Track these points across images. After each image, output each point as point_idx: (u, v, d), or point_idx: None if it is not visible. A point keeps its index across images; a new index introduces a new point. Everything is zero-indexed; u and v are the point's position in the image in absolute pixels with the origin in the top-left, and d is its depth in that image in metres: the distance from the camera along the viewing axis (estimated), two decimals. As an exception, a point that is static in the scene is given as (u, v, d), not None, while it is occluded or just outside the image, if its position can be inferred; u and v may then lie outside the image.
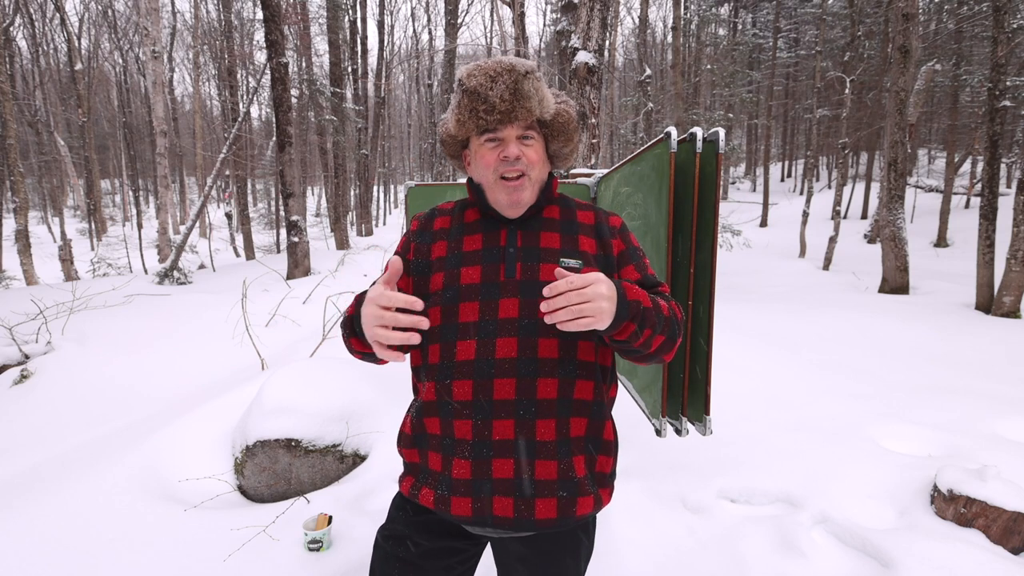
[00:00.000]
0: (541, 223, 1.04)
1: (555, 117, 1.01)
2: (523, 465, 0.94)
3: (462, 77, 0.94)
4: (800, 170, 24.06)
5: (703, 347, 1.51)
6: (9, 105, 9.07)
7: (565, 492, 0.95)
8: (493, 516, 0.94)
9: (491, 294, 0.97)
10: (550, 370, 0.94)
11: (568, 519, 0.95)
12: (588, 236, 1.04)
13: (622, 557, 1.97)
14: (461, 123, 0.97)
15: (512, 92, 0.93)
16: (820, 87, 12.53)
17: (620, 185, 2.08)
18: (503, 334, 0.95)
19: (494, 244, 1.01)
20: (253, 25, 17.64)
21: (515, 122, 0.96)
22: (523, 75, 0.92)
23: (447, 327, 0.98)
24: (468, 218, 1.06)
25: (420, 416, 1.02)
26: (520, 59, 0.94)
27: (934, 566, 1.79)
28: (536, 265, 0.99)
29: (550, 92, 1.01)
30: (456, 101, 0.97)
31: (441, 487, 0.98)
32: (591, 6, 3.93)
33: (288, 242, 8.84)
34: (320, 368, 2.96)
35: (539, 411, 0.94)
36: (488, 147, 0.99)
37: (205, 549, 2.03)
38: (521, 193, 0.99)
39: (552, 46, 18.56)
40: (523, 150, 0.98)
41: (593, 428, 0.99)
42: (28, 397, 3.88)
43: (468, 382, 0.94)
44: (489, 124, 0.96)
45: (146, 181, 27.35)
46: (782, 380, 3.77)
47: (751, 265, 10.73)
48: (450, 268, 1.00)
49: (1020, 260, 5.81)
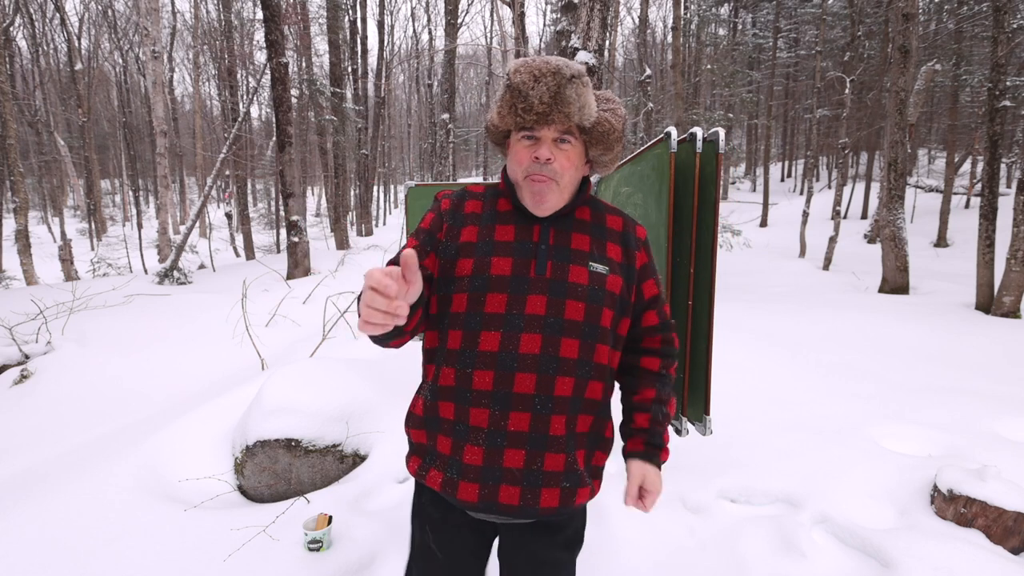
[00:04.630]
0: (573, 224, 1.05)
1: (595, 125, 1.00)
2: (534, 457, 0.98)
3: (510, 71, 0.95)
4: (800, 170, 24.05)
5: (703, 347, 1.51)
6: (9, 105, 9.08)
7: (568, 483, 1.00)
8: (498, 503, 0.98)
9: (520, 288, 0.98)
10: (569, 369, 0.98)
11: (568, 508, 1.02)
12: (615, 243, 1.07)
13: (622, 557, 1.97)
14: (502, 116, 0.99)
15: (553, 95, 0.92)
16: (820, 87, 12.52)
17: (620, 185, 2.08)
18: (528, 329, 0.97)
19: (527, 238, 1.02)
20: (253, 25, 17.62)
21: (552, 124, 0.96)
22: (568, 79, 0.92)
23: (472, 315, 0.98)
24: (501, 207, 1.06)
25: (435, 399, 1.02)
26: (568, 62, 0.93)
27: (934, 566, 1.79)
28: (566, 265, 1.00)
29: (594, 98, 1.00)
30: (500, 94, 0.98)
31: (451, 470, 1.00)
32: (591, 6, 3.93)
33: (288, 242, 8.84)
34: (320, 368, 2.96)
35: (555, 407, 0.97)
36: (524, 144, 0.99)
37: (205, 549, 2.03)
38: (545, 196, 0.99)
39: (552, 46, 18.56)
40: (556, 154, 0.98)
41: (597, 425, 1.05)
42: (28, 397, 3.88)
43: (490, 372, 0.96)
44: (526, 122, 0.96)
45: (146, 181, 27.35)
46: (782, 380, 3.77)
47: (751, 265, 10.73)
48: (480, 256, 1.00)
49: (1020, 260, 5.81)
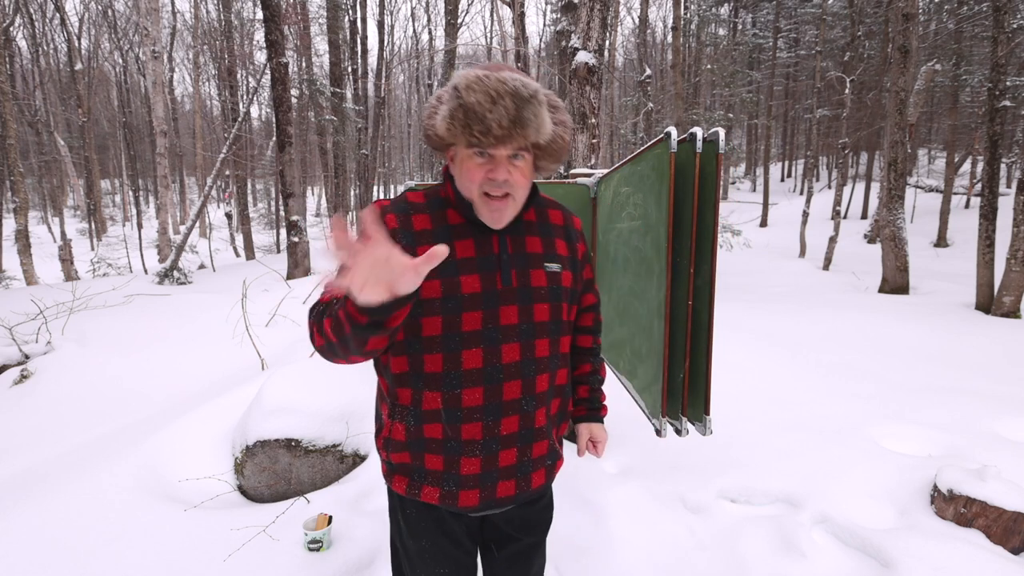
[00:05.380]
0: (525, 227, 1.06)
1: (549, 143, 0.97)
2: (524, 451, 1.04)
3: (460, 88, 0.86)
4: (800, 170, 24.05)
5: (703, 347, 1.51)
6: (9, 105, 9.08)
7: (550, 460, 1.11)
8: (497, 499, 1.03)
9: (492, 302, 0.99)
10: (544, 367, 1.04)
11: (551, 480, 1.13)
12: (560, 238, 1.12)
13: (622, 557, 1.97)
14: (452, 133, 0.91)
15: (512, 119, 0.86)
16: (820, 87, 12.52)
17: (620, 185, 2.08)
18: (507, 340, 0.99)
19: (488, 252, 1.00)
20: (253, 25, 17.62)
21: (509, 144, 0.91)
22: (526, 100, 0.86)
23: (450, 337, 0.97)
24: (452, 219, 1.01)
25: (419, 423, 1.01)
26: (523, 79, 0.88)
27: (934, 566, 1.79)
28: (527, 271, 1.03)
29: (548, 116, 0.94)
30: (449, 110, 0.89)
31: (447, 484, 1.02)
32: (591, 6, 3.92)
33: (288, 242, 8.85)
34: (320, 368, 2.96)
35: (538, 403, 1.04)
36: (477, 162, 0.94)
37: (205, 549, 2.03)
38: (503, 213, 0.97)
39: (552, 46, 18.55)
40: (511, 172, 0.94)
41: (563, 405, 1.14)
42: (28, 397, 3.88)
43: (479, 389, 0.98)
44: (482, 145, 0.91)
45: (146, 181, 27.35)
46: (782, 380, 3.77)
47: (751, 265, 10.73)
48: (447, 276, 0.96)
49: (1020, 260, 5.81)
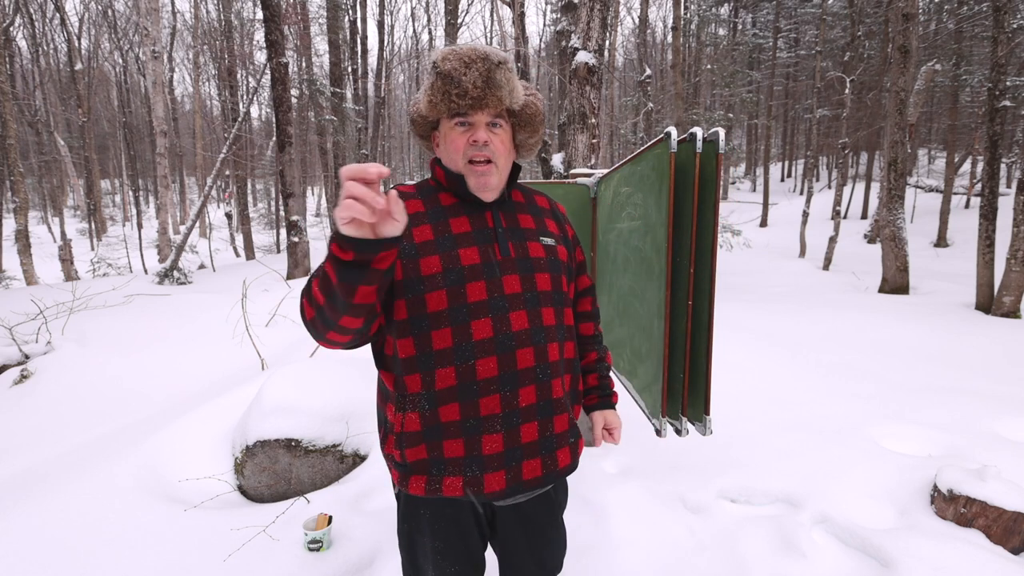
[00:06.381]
0: (515, 206, 1.12)
1: (524, 108, 1.05)
2: (546, 424, 1.03)
3: (437, 60, 0.95)
4: (800, 170, 24.05)
5: (703, 347, 1.51)
6: (9, 105, 9.08)
7: (573, 438, 1.09)
8: (524, 482, 1.01)
9: (493, 272, 1.01)
10: (552, 335, 1.05)
11: (576, 460, 1.10)
12: (549, 218, 1.17)
13: (622, 557, 1.97)
14: (433, 104, 0.99)
15: (485, 80, 0.95)
16: (820, 87, 12.51)
17: (620, 185, 2.08)
18: (513, 308, 1.01)
19: (483, 226, 1.05)
20: (253, 25, 17.62)
21: (486, 108, 0.99)
22: (496, 64, 0.95)
23: (457, 308, 0.98)
24: (445, 201, 1.07)
25: (434, 406, 0.98)
26: (493, 48, 0.97)
27: (934, 566, 1.79)
28: (524, 243, 1.07)
29: (520, 84, 1.03)
30: (429, 83, 0.98)
31: (470, 469, 0.99)
32: (591, 6, 3.92)
33: (288, 242, 8.85)
34: (320, 368, 2.96)
35: (552, 372, 1.04)
36: (458, 131, 1.01)
37: (205, 549, 2.03)
38: (488, 178, 1.03)
39: (552, 46, 18.55)
40: (491, 137, 1.01)
41: (575, 382, 1.14)
42: (28, 397, 3.88)
43: (492, 358, 0.98)
44: (461, 108, 0.98)
45: (146, 181, 27.34)
46: (782, 380, 3.77)
47: (751, 265, 10.73)
48: (446, 251, 1.00)
49: (1020, 260, 5.81)
